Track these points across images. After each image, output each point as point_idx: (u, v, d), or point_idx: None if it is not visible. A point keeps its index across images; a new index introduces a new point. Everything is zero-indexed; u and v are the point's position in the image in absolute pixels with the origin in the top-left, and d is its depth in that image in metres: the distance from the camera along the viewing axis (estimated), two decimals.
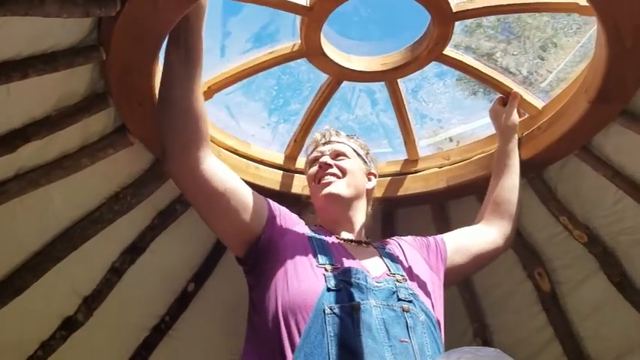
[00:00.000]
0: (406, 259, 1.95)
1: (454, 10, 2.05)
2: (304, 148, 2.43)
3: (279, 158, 2.61)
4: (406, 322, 1.63)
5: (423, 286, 1.86)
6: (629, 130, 2.09)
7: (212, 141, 2.44)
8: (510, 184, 2.29)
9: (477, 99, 2.74)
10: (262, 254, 1.74)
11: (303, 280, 1.63)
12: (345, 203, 2.01)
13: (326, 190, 1.98)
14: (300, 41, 2.23)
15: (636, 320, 2.57)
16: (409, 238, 2.13)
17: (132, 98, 1.95)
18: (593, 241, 2.48)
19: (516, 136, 2.34)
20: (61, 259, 2.39)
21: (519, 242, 2.65)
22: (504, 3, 2.08)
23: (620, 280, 2.52)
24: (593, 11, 1.90)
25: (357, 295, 1.62)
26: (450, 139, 2.57)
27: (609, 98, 1.96)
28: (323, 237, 1.87)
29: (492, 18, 2.86)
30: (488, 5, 2.08)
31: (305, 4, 2.06)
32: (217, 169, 1.74)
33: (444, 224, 2.64)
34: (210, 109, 2.44)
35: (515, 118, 2.34)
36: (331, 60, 2.27)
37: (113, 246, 2.56)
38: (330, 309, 1.55)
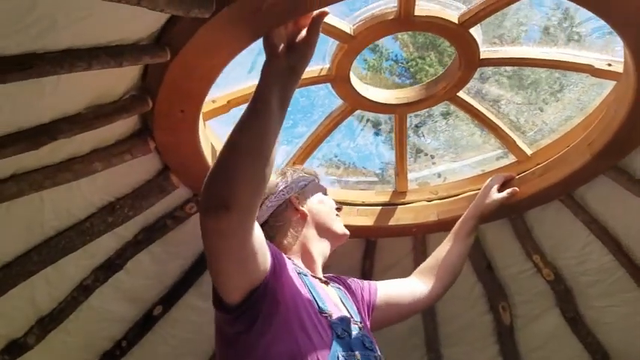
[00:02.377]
0: (352, 303, 1.92)
1: (481, 56, 2.18)
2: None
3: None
4: None
5: (370, 333, 1.85)
6: (615, 182, 2.32)
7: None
8: (463, 253, 2.32)
9: (472, 139, 2.90)
10: (261, 299, 1.54)
11: (313, 331, 1.55)
12: None
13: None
14: (328, 66, 2.22)
15: (579, 354, 2.85)
16: (344, 278, 2.08)
17: (177, 103, 1.80)
18: (558, 280, 2.71)
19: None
20: (34, 273, 2.12)
21: (489, 276, 2.82)
22: (527, 56, 2.25)
23: (574, 316, 2.78)
24: (606, 74, 2.15)
25: (352, 344, 1.61)
26: (439, 175, 2.68)
27: (611, 153, 2.19)
28: (307, 276, 1.78)
29: (509, 67, 3.06)
30: (512, 57, 2.24)
31: (349, 32, 2.06)
32: (257, 226, 1.52)
33: (422, 254, 2.72)
34: (216, 124, 2.33)
35: (500, 201, 2.39)
36: (353, 88, 2.29)
37: (88, 261, 2.31)
38: (343, 357, 1.53)
